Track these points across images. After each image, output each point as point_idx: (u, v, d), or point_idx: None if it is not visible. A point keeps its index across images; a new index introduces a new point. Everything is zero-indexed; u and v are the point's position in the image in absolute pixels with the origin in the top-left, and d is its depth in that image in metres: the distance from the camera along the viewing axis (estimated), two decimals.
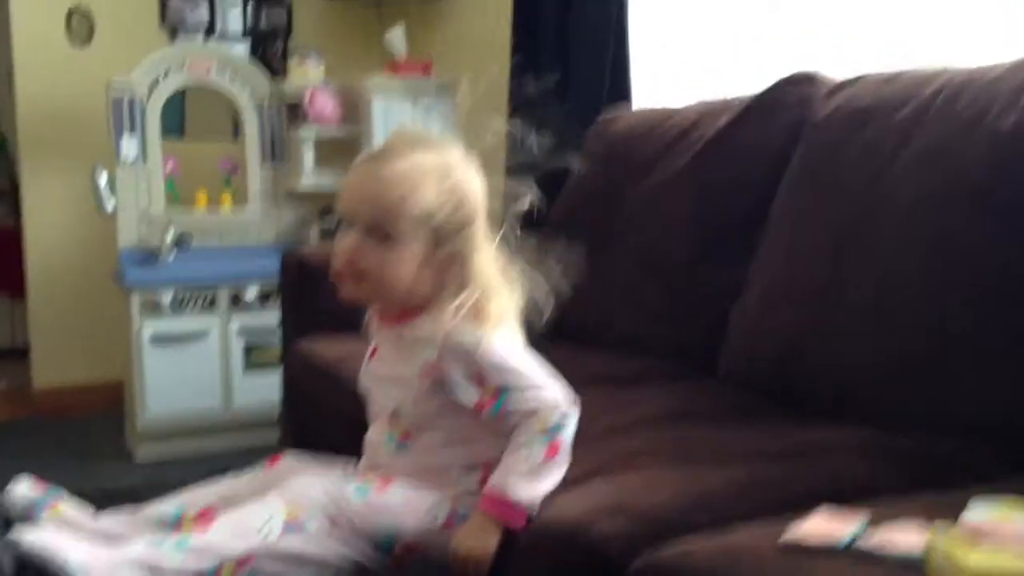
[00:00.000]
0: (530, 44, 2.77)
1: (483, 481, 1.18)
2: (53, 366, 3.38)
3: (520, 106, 2.94)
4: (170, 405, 2.83)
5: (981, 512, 0.93)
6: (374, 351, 1.30)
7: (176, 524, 1.21)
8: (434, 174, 1.19)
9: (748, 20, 2.29)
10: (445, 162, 1.21)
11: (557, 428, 1.16)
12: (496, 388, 1.16)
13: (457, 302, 1.18)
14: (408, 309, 1.22)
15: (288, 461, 1.31)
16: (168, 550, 1.08)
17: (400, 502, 1.17)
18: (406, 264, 1.17)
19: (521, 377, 1.18)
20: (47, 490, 1.23)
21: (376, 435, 1.27)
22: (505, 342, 1.20)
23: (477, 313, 1.19)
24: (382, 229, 1.17)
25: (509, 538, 1.11)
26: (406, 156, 1.19)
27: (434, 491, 1.19)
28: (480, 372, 1.17)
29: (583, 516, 1.01)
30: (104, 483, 2.50)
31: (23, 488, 1.22)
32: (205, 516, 1.21)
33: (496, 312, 1.20)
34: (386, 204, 1.16)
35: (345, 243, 1.18)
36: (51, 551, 1.05)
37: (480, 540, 1.11)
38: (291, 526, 1.12)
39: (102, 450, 2.94)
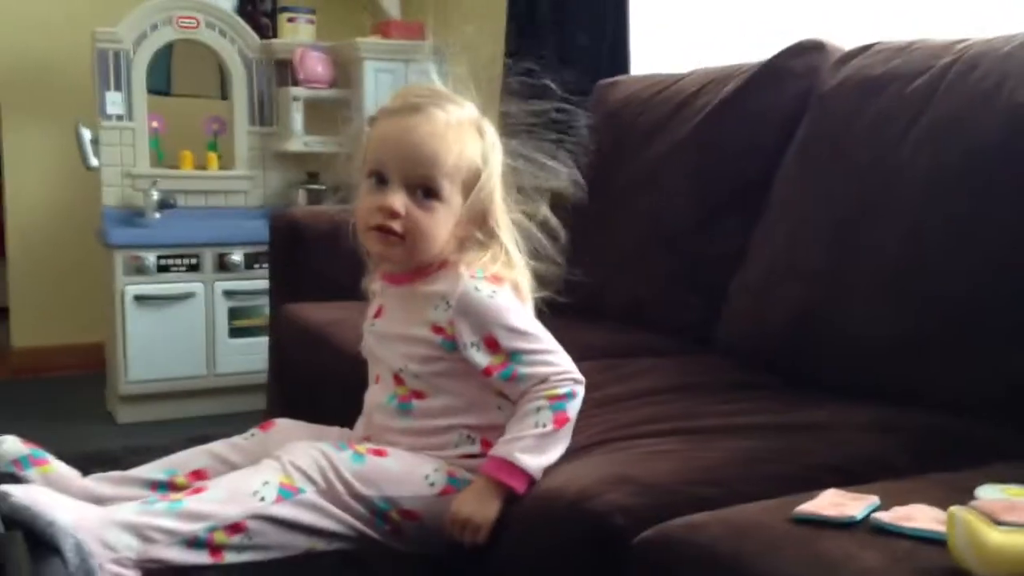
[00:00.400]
0: (527, 8, 2.72)
1: (484, 448, 1.15)
2: (32, 326, 3.32)
3: (515, 74, 2.89)
4: (153, 368, 2.78)
5: (991, 493, 0.92)
6: (379, 310, 1.26)
7: (167, 486, 1.18)
8: (472, 129, 1.17)
9: None
10: (477, 117, 1.19)
11: (567, 397, 1.14)
12: (508, 352, 1.14)
13: (479, 262, 1.16)
14: (423, 267, 1.19)
15: (281, 426, 1.28)
16: (160, 512, 1.05)
17: (397, 468, 1.14)
18: (446, 222, 1.16)
19: (534, 342, 1.16)
20: (34, 448, 1.20)
21: (377, 396, 1.24)
22: (519, 306, 1.18)
23: (494, 275, 1.17)
24: (426, 186, 1.14)
25: (509, 506, 1.08)
26: (445, 111, 1.16)
27: (431, 457, 1.16)
28: (492, 335, 1.14)
29: (588, 486, 0.99)
30: (85, 445, 2.45)
31: (10, 444, 1.18)
32: (197, 478, 1.18)
33: (511, 276, 1.17)
34: (434, 161, 1.14)
35: (392, 200, 1.14)
36: (39, 508, 1.01)
37: (481, 506, 1.08)
38: (286, 492, 1.08)
39: (82, 412, 2.90)
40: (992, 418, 1.20)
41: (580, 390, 1.16)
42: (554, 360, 1.15)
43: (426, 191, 1.15)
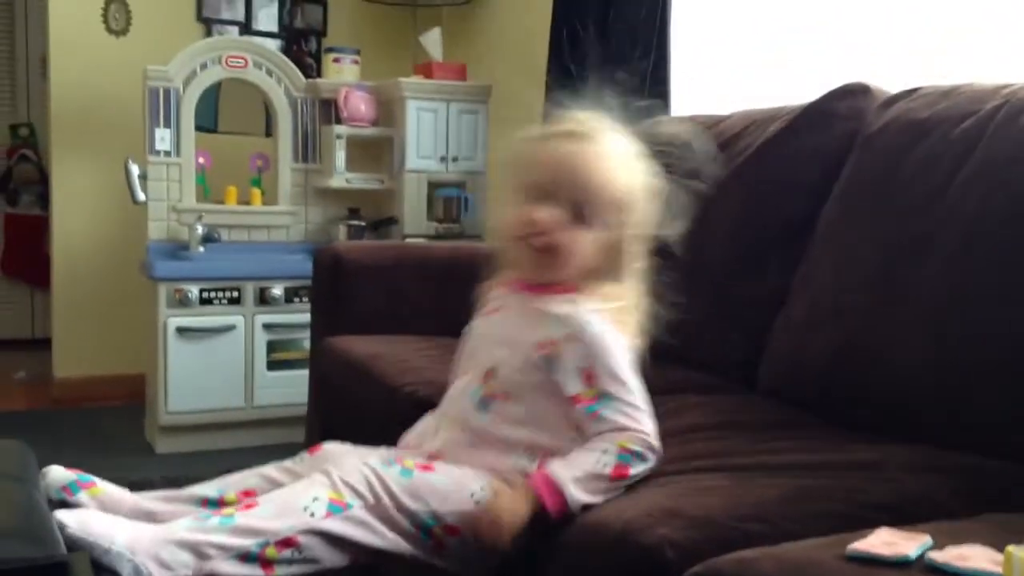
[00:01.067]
0: (568, 51, 2.76)
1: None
2: (74, 357, 3.38)
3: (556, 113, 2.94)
4: (193, 399, 2.82)
5: None
6: (493, 311, 1.29)
7: (217, 503, 1.20)
8: (627, 159, 1.20)
9: (793, 30, 2.27)
10: (632, 149, 1.22)
11: (637, 455, 1.13)
12: (600, 391, 1.15)
13: (604, 296, 1.19)
14: (552, 284, 1.21)
15: (328, 449, 1.29)
16: (213, 528, 1.07)
17: (444, 484, 1.14)
18: (590, 245, 1.18)
19: (626, 393, 1.17)
20: (79, 473, 1.22)
21: (461, 387, 1.26)
22: (626, 353, 1.20)
23: (614, 315, 1.19)
24: (579, 208, 1.17)
25: (538, 524, 1.08)
26: (606, 138, 1.19)
27: (479, 473, 1.16)
28: (592, 370, 1.16)
29: (636, 518, 0.98)
30: (125, 475, 2.46)
31: (56, 472, 1.21)
32: (247, 496, 1.20)
33: (628, 320, 1.20)
34: (591, 185, 1.17)
35: (544, 214, 1.17)
36: (95, 538, 1.03)
37: (514, 505, 1.08)
38: (336, 507, 1.10)
39: (122, 442, 2.94)
40: None
41: (652, 458, 1.15)
42: (639, 417, 1.16)
43: (577, 214, 1.17)
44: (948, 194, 1.38)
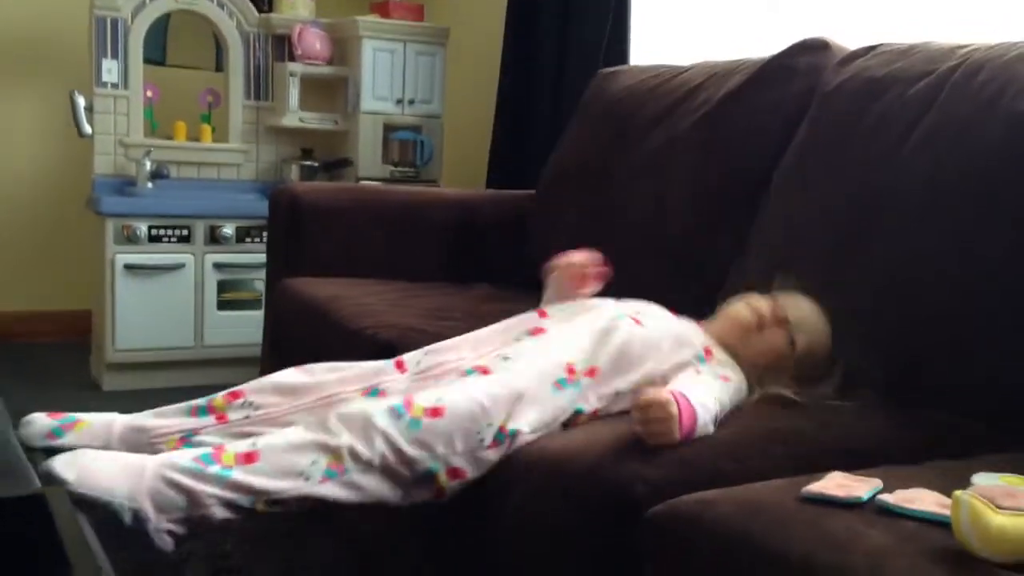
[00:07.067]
0: None
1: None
2: (13, 291, 3.30)
3: (513, 60, 2.93)
4: (141, 337, 2.79)
5: (987, 480, 0.96)
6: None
7: (206, 410, 1.24)
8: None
9: None
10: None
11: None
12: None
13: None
14: None
15: (321, 375, 1.31)
16: (211, 478, 1.08)
17: (452, 427, 1.14)
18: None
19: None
20: (62, 417, 1.21)
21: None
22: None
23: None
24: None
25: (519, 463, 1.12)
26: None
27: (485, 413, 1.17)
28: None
29: (608, 452, 1.01)
30: (70, 411, 2.45)
31: (38, 422, 1.19)
32: (233, 398, 1.25)
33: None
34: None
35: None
36: (96, 492, 1.05)
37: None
38: (332, 472, 1.11)
39: (67, 379, 2.90)
40: (985, 417, 1.23)
41: None
42: None
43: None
44: (902, 153, 1.42)
